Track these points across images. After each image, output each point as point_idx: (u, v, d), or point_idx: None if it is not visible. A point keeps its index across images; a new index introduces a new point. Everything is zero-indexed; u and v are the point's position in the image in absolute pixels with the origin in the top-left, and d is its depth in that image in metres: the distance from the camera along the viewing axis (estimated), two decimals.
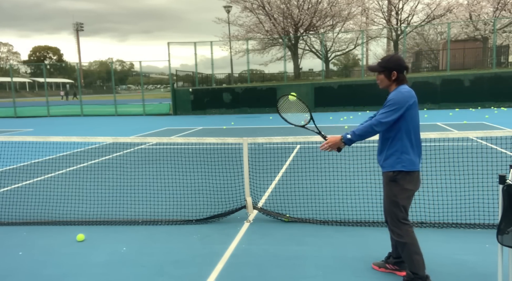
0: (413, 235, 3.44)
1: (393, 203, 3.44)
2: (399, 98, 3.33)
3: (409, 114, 3.35)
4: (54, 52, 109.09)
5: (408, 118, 3.36)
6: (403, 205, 3.42)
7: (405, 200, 3.43)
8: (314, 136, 5.39)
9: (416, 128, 3.44)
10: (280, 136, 6.07)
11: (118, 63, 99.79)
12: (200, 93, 26.50)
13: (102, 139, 5.95)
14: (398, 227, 3.45)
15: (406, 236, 3.42)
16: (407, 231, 3.43)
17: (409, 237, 3.42)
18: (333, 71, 47.21)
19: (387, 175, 3.46)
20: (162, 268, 4.07)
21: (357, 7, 33.52)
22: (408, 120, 3.36)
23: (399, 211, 3.43)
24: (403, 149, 3.37)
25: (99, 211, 5.89)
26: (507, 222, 2.93)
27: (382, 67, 3.47)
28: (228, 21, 33.64)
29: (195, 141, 5.96)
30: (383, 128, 3.39)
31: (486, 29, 30.26)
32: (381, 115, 3.35)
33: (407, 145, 3.38)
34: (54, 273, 4.04)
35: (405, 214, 3.45)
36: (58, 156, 10.28)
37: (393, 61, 3.46)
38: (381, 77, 3.50)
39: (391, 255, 3.80)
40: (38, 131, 18.39)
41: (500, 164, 6.59)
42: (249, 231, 5.04)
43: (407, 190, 3.40)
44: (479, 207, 5.19)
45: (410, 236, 3.42)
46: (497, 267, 3.19)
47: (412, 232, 3.45)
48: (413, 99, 3.37)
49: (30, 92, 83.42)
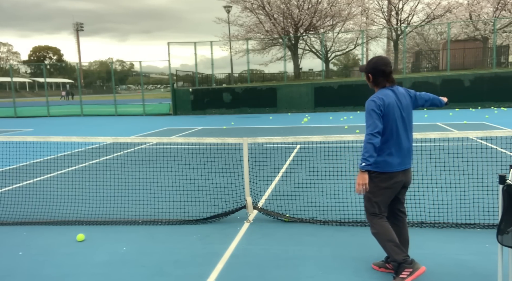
0: (383, 224, 3.58)
1: (366, 199, 3.64)
2: (368, 107, 3.46)
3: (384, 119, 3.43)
4: (54, 52, 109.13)
5: (384, 122, 3.44)
6: (375, 201, 3.57)
7: (379, 197, 3.56)
8: (314, 136, 5.39)
9: (395, 130, 3.47)
10: (280, 136, 6.08)
11: (118, 63, 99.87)
12: (200, 93, 26.50)
13: (102, 140, 5.95)
14: (370, 219, 3.64)
15: (376, 226, 3.58)
16: (377, 221, 3.59)
17: (379, 226, 3.57)
18: (333, 71, 47.22)
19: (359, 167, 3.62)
20: (162, 268, 4.07)
21: (357, 7, 33.51)
22: (384, 124, 3.44)
23: (372, 206, 3.61)
24: (382, 151, 3.48)
25: (99, 211, 5.89)
26: (507, 222, 2.93)
27: (364, 69, 3.60)
28: (228, 21, 33.65)
29: (195, 140, 5.96)
30: (378, 137, 3.41)
31: (486, 29, 30.24)
32: (367, 130, 3.44)
33: (383, 147, 3.46)
34: (54, 273, 4.04)
35: (376, 208, 3.59)
36: (58, 156, 10.28)
37: (370, 64, 3.57)
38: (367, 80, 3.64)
39: None
40: (38, 131, 18.39)
41: (500, 164, 6.60)
42: (249, 231, 5.04)
43: (381, 187, 3.53)
44: (479, 207, 5.19)
45: (380, 225, 3.57)
46: (497, 267, 3.20)
47: (382, 222, 3.59)
48: (382, 104, 3.41)
49: (30, 92, 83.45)
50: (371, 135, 3.39)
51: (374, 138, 3.38)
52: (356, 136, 5.32)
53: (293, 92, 25.29)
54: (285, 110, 25.19)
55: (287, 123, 18.61)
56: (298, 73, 33.25)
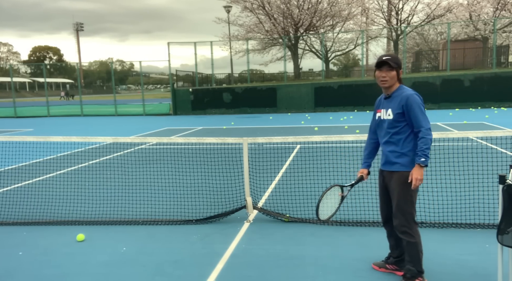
0: (419, 231, 3.49)
1: (409, 203, 3.40)
2: (417, 101, 3.31)
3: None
4: (54, 52, 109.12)
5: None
6: (414, 203, 3.45)
7: (415, 198, 3.45)
8: (314, 136, 5.39)
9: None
10: (280, 136, 6.07)
11: (118, 63, 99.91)
12: (200, 93, 26.50)
13: (102, 140, 5.95)
14: (411, 227, 3.42)
15: (416, 236, 3.43)
16: (416, 230, 3.46)
17: (418, 236, 3.45)
18: (333, 71, 47.23)
19: (402, 175, 3.38)
20: (162, 268, 4.07)
21: (357, 7, 33.54)
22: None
23: (414, 210, 3.44)
24: (415, 149, 3.35)
25: (99, 211, 5.89)
26: (507, 222, 2.93)
27: (396, 64, 3.40)
28: (228, 21, 33.66)
29: (195, 140, 5.96)
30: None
31: (486, 29, 30.26)
32: (425, 123, 3.28)
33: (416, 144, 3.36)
34: (54, 273, 4.04)
35: (415, 212, 3.48)
36: (58, 156, 10.28)
37: (399, 61, 3.45)
38: (391, 75, 3.39)
39: (391, 255, 3.80)
40: (38, 131, 18.39)
41: (500, 164, 6.60)
42: (249, 231, 5.04)
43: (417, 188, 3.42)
44: (479, 207, 5.19)
45: (419, 235, 3.46)
46: (497, 267, 3.19)
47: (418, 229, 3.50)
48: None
49: (30, 92, 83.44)
50: (430, 130, 3.29)
51: (431, 133, 3.31)
52: (356, 137, 5.32)
53: (293, 92, 25.28)
54: (285, 110, 25.19)
55: (287, 123, 18.60)
56: (298, 73, 33.26)
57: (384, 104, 3.52)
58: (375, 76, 3.48)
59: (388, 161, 3.48)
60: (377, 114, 3.59)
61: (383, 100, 3.56)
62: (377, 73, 3.44)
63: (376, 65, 3.45)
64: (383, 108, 3.52)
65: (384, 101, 3.54)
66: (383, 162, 3.55)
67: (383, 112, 3.51)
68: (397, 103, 3.38)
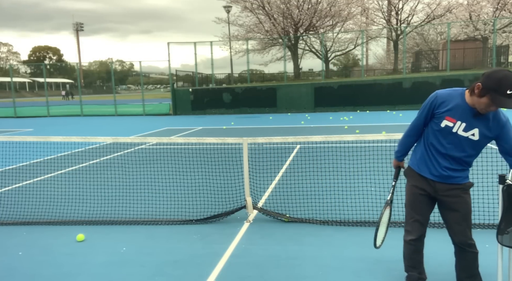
0: None
1: (470, 214, 3.23)
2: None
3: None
4: (54, 52, 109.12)
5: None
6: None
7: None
8: (314, 136, 5.39)
9: None
10: (280, 136, 6.07)
11: (118, 63, 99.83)
12: (200, 93, 26.50)
13: (102, 140, 5.95)
14: (472, 238, 3.25)
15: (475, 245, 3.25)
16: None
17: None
18: (333, 71, 47.25)
19: (465, 186, 3.22)
20: (162, 268, 4.07)
21: (357, 7, 33.55)
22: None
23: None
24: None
25: (99, 211, 5.89)
26: (507, 222, 2.93)
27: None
28: (228, 21, 33.67)
29: (195, 141, 5.96)
30: None
31: (486, 29, 30.25)
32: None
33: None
34: (54, 273, 4.04)
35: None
36: (58, 156, 10.28)
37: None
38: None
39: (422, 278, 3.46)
40: (38, 131, 18.39)
41: (500, 164, 6.59)
42: (249, 231, 5.04)
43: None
44: (479, 207, 5.20)
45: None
46: (497, 267, 3.19)
47: None
48: None
49: (30, 92, 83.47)
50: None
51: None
52: (356, 137, 5.31)
53: (293, 92, 25.29)
54: (285, 110, 25.19)
55: (287, 124, 18.60)
56: (298, 73, 33.26)
57: (468, 119, 3.03)
58: (495, 102, 2.91)
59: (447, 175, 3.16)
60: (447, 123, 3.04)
61: (469, 114, 3.02)
62: (503, 102, 2.87)
63: (509, 95, 2.86)
64: (464, 122, 3.02)
65: (471, 116, 3.02)
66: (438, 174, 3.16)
67: (463, 126, 3.03)
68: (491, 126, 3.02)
